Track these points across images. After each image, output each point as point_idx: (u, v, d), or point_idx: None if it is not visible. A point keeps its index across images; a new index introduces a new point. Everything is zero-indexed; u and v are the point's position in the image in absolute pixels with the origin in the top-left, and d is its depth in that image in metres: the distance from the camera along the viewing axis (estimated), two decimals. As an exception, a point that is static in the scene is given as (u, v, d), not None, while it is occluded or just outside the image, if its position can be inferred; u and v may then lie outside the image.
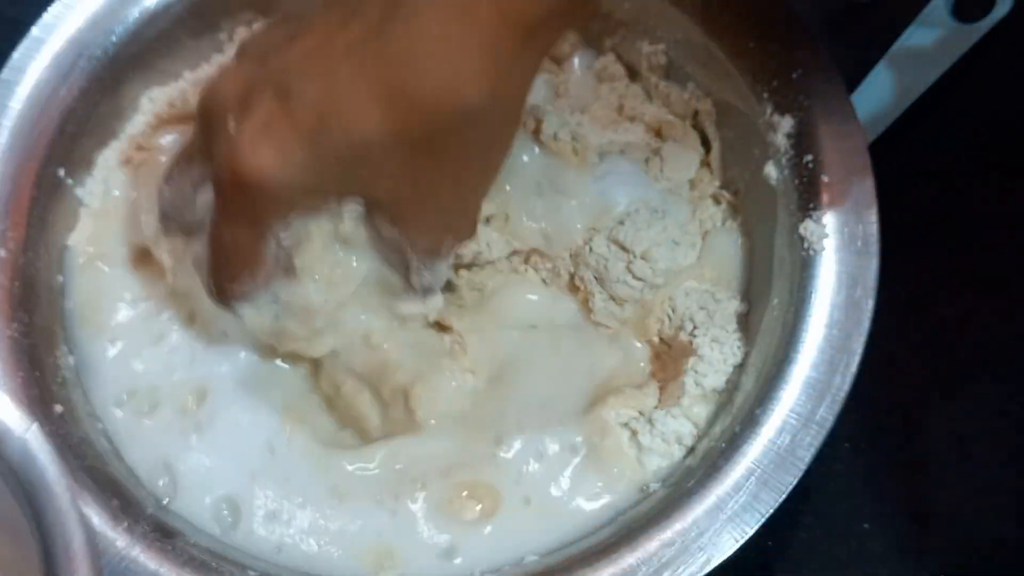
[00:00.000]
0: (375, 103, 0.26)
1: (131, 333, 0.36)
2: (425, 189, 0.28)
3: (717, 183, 0.38)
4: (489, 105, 0.26)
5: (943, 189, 0.42)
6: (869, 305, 0.31)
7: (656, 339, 0.36)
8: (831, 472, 0.37)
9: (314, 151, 0.26)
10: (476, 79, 0.25)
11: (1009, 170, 0.42)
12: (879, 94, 0.41)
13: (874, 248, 0.32)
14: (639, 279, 0.36)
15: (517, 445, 0.34)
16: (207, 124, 0.29)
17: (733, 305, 0.36)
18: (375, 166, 0.27)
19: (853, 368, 0.31)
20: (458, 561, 0.33)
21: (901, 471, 0.37)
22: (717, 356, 0.35)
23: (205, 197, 0.30)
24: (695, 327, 0.35)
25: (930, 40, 0.41)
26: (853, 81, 0.41)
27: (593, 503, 0.34)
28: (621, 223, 0.36)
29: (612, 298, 0.36)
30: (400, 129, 0.26)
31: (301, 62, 0.27)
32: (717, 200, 0.38)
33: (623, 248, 0.36)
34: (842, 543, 0.37)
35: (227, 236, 0.29)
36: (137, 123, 0.38)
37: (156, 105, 0.38)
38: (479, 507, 0.33)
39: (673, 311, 0.36)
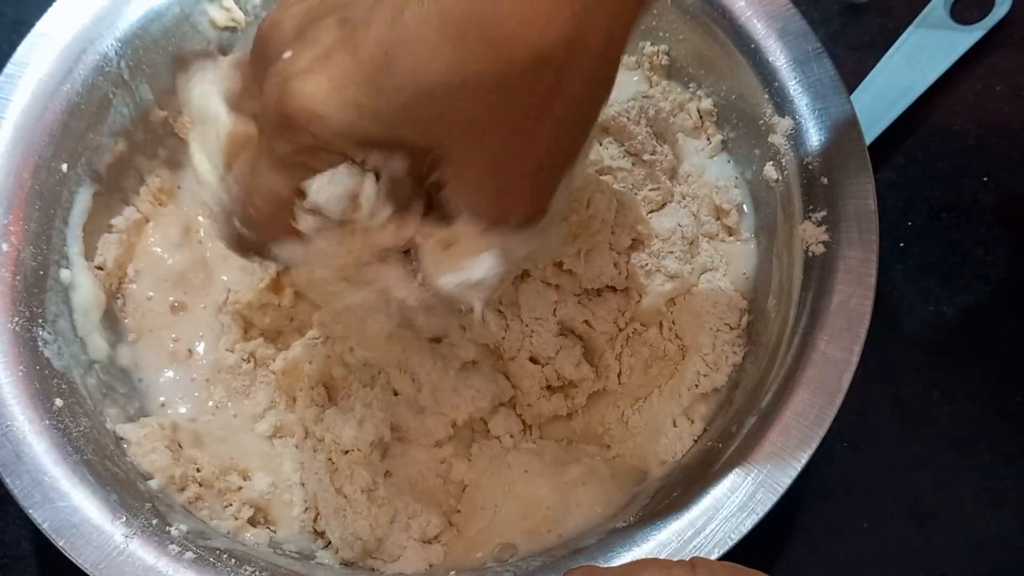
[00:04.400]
0: (447, 39, 0.23)
1: (136, 328, 0.36)
2: (493, 145, 0.25)
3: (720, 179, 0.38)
4: (571, 51, 0.23)
5: (943, 189, 0.42)
6: (868, 305, 0.31)
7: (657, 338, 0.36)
8: (830, 472, 0.37)
9: (375, 87, 0.23)
10: (556, 18, 0.23)
11: (1008, 170, 0.42)
12: (879, 94, 0.41)
13: (873, 248, 0.32)
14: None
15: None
16: (261, 56, 0.26)
17: (734, 304, 0.36)
18: (442, 113, 0.24)
19: (852, 368, 0.31)
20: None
21: (901, 471, 0.37)
22: (717, 355, 0.35)
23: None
24: (695, 326, 0.35)
25: (929, 40, 0.41)
26: (853, 81, 0.41)
27: (590, 502, 0.33)
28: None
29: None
30: (470, 69, 0.23)
31: None
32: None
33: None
34: (842, 543, 0.36)
35: (261, 182, 0.25)
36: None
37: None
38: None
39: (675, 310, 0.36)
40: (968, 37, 0.41)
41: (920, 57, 0.41)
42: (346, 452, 0.33)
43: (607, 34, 0.24)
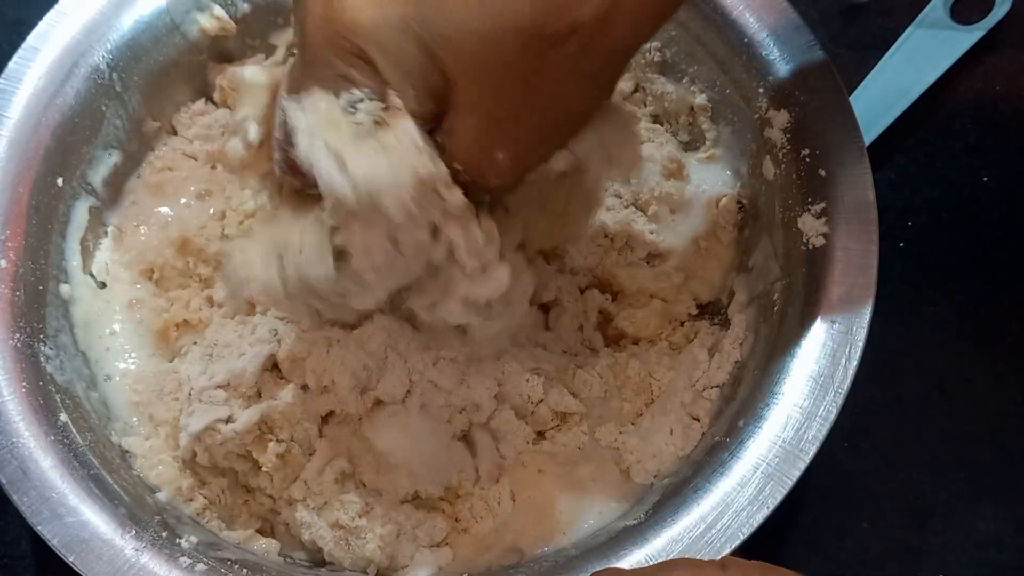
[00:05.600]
0: None
1: (137, 341, 0.36)
2: (498, 93, 0.26)
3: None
4: (598, 31, 0.25)
5: (943, 189, 0.42)
6: (869, 298, 0.31)
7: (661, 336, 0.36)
8: (831, 472, 0.37)
9: (410, 9, 0.25)
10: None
11: (1008, 170, 0.42)
12: (879, 94, 0.41)
13: (873, 238, 0.32)
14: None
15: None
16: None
17: (734, 299, 0.36)
18: (465, 50, 0.26)
19: (855, 361, 0.31)
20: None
21: (901, 471, 0.38)
22: (719, 351, 0.35)
23: None
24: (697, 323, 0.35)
25: (929, 41, 0.41)
26: (853, 81, 0.41)
27: (599, 500, 0.34)
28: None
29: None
30: (506, 21, 0.25)
31: None
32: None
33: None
34: (842, 543, 0.37)
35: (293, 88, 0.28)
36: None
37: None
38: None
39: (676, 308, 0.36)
40: (968, 37, 0.41)
41: (920, 57, 0.41)
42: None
43: (632, 28, 0.26)
